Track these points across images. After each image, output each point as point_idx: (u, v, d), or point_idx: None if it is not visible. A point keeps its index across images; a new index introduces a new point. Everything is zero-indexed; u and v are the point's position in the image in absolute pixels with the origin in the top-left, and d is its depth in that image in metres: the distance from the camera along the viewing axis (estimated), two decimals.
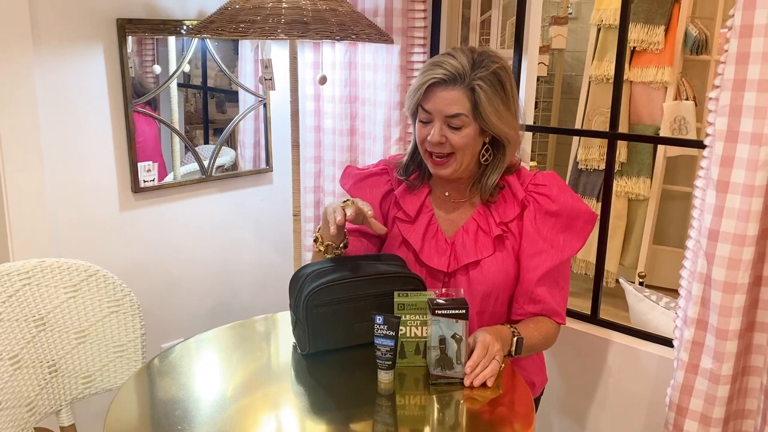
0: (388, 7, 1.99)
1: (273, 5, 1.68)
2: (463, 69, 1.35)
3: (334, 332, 1.32)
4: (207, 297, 2.28)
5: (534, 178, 1.46)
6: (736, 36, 1.28)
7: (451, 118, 1.36)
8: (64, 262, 1.54)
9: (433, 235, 1.48)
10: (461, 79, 1.35)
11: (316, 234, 1.44)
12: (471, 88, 1.35)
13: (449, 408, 1.19)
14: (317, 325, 1.30)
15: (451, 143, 1.38)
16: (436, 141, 1.38)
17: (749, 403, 1.45)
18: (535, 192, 1.44)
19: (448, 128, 1.38)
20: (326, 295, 1.30)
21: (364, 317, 1.29)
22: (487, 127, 1.38)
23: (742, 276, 1.33)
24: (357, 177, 1.57)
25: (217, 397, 1.20)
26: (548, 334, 1.43)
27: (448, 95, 1.36)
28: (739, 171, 1.31)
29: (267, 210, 2.40)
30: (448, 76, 1.35)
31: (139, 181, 2.00)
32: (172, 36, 2.02)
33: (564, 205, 1.42)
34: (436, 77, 1.36)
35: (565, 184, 1.47)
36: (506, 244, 1.44)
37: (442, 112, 1.37)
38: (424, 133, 1.40)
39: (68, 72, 1.83)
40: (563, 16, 3.77)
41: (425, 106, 1.39)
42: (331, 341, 1.33)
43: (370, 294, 1.32)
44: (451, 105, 1.36)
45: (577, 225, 1.43)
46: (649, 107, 3.30)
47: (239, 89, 2.24)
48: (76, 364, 1.57)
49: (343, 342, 1.34)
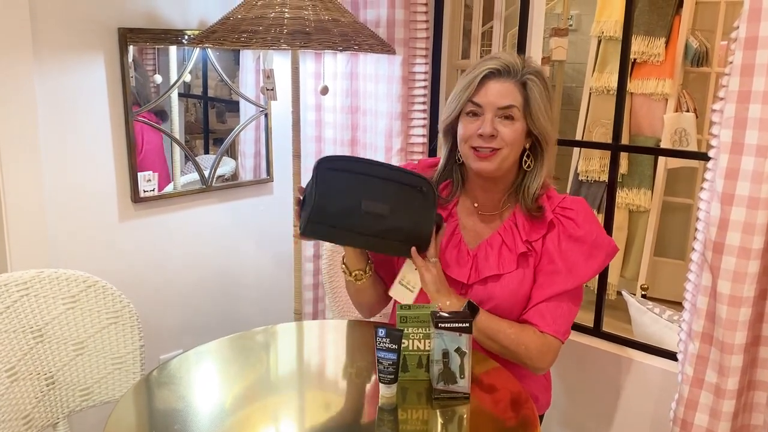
0: (390, 18, 1.99)
1: (275, 15, 1.68)
2: (516, 63, 1.37)
3: (340, 200, 1.31)
4: (206, 308, 2.26)
5: (563, 201, 1.44)
6: (741, 48, 1.28)
7: (503, 110, 1.36)
8: (63, 273, 1.53)
9: (455, 245, 1.46)
10: (514, 73, 1.37)
11: (343, 266, 1.45)
12: (523, 82, 1.37)
13: (452, 423, 1.17)
14: (326, 187, 1.30)
15: (502, 137, 1.36)
16: (489, 132, 1.35)
17: (755, 418, 1.44)
18: (562, 215, 1.42)
19: (499, 121, 1.37)
20: (341, 162, 1.33)
21: (374, 196, 1.31)
22: (534, 126, 1.38)
23: (747, 289, 1.32)
24: None
25: (216, 409, 1.18)
26: (523, 339, 1.36)
27: (501, 87, 1.36)
28: (744, 183, 1.30)
29: (267, 220, 2.39)
30: (503, 68, 1.37)
31: (139, 190, 1.99)
32: (174, 46, 2.01)
33: (589, 232, 1.40)
34: (491, 68, 1.36)
35: (593, 213, 1.45)
36: (529, 262, 1.42)
37: (494, 104, 1.36)
38: (473, 128, 1.38)
39: (69, 80, 1.82)
40: (563, 28, 3.78)
41: (476, 99, 1.37)
42: (335, 211, 1.30)
43: (384, 176, 1.33)
44: (505, 96, 1.36)
45: (597, 255, 1.40)
46: (649, 119, 3.30)
47: (240, 99, 2.24)
48: (73, 376, 1.55)
49: (346, 220, 1.31)
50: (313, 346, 1.49)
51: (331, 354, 1.44)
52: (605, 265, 1.44)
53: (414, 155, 2.07)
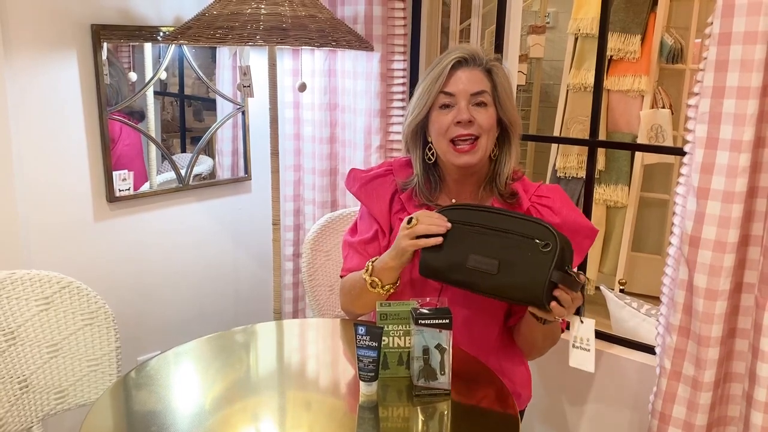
0: (368, 15, 1.98)
1: (251, 11, 1.66)
2: (478, 52, 1.40)
3: (445, 255, 1.28)
4: (184, 308, 2.24)
5: (538, 189, 1.46)
6: (715, 44, 1.29)
7: (475, 95, 1.37)
8: (36, 274, 1.50)
9: None
10: (480, 61, 1.39)
11: (375, 279, 1.38)
12: (488, 69, 1.39)
13: (433, 420, 1.17)
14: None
15: (479, 123, 1.37)
16: (467, 118, 1.36)
17: (731, 410, 1.46)
18: (538, 203, 1.43)
19: (473, 108, 1.38)
20: (457, 212, 1.31)
21: (483, 250, 1.26)
22: (503, 112, 1.40)
23: (723, 282, 1.34)
24: (363, 180, 1.54)
25: (196, 410, 1.17)
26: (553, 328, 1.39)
27: (471, 74, 1.38)
28: (719, 178, 1.32)
29: (245, 219, 2.37)
30: (469, 56, 1.38)
31: (114, 190, 1.96)
32: (149, 42, 1.99)
33: (566, 218, 1.41)
34: (457, 57, 1.38)
35: (568, 198, 1.46)
36: None
37: (467, 90, 1.37)
38: (449, 119, 1.38)
39: (41, 79, 1.78)
40: (541, 26, 3.80)
41: (447, 89, 1.38)
42: (440, 266, 1.29)
43: (499, 228, 1.27)
44: (476, 83, 1.38)
45: (576, 239, 1.40)
46: (626, 115, 3.34)
47: (217, 97, 2.21)
48: (48, 379, 1.52)
49: (451, 275, 1.28)
50: (293, 345, 1.47)
51: (311, 353, 1.43)
52: (587, 248, 1.44)
53: (393, 153, 2.06)
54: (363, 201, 1.52)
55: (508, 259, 1.23)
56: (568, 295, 1.22)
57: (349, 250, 1.53)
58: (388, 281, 1.37)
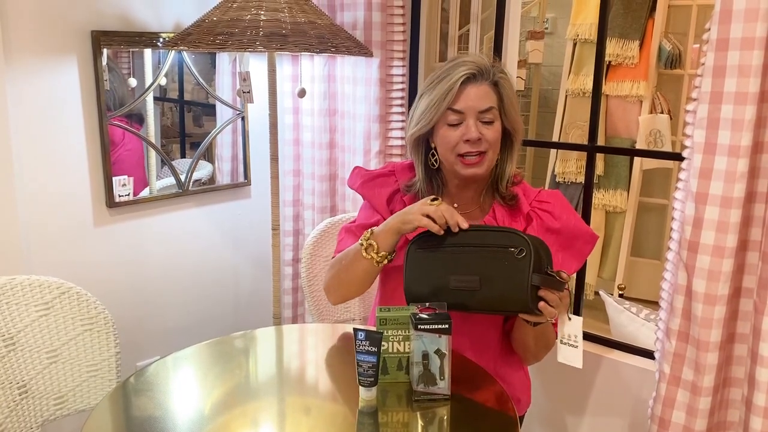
0: (367, 21, 1.99)
1: (251, 18, 1.67)
2: (486, 64, 1.38)
3: (427, 281, 1.27)
4: (184, 314, 2.24)
5: (539, 195, 1.46)
6: (713, 49, 1.30)
7: (483, 113, 1.37)
8: (35, 280, 1.50)
9: None
10: (487, 74, 1.38)
11: (372, 241, 1.35)
12: (495, 82, 1.38)
13: (433, 425, 1.17)
14: (412, 270, 1.28)
15: (486, 139, 1.37)
16: (476, 137, 1.35)
17: (731, 415, 1.46)
18: (539, 208, 1.44)
19: (481, 125, 1.37)
20: (432, 239, 1.27)
21: (462, 269, 1.24)
22: (507, 122, 1.40)
23: (722, 287, 1.34)
24: (366, 177, 1.54)
25: (195, 416, 1.16)
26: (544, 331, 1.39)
27: (479, 90, 1.37)
28: (717, 183, 1.32)
29: (245, 224, 2.37)
30: (478, 71, 1.37)
31: (114, 195, 1.96)
32: (149, 48, 1.99)
33: (566, 223, 1.41)
34: (466, 73, 1.36)
35: (569, 204, 1.46)
36: None
37: (475, 108, 1.36)
38: (457, 135, 1.37)
39: (41, 84, 1.79)
40: (539, 31, 3.81)
41: (456, 107, 1.37)
42: (425, 292, 1.28)
43: (473, 243, 1.25)
44: (484, 100, 1.37)
45: (576, 245, 1.42)
46: (624, 121, 3.34)
47: (217, 102, 2.22)
48: (47, 384, 1.52)
49: (437, 299, 1.26)
50: (292, 350, 1.47)
51: (311, 358, 1.43)
52: (586, 254, 1.45)
53: (393, 158, 2.07)
54: (365, 195, 1.53)
55: (488, 272, 1.24)
56: (554, 295, 1.22)
57: (345, 234, 1.53)
58: (384, 247, 1.34)
